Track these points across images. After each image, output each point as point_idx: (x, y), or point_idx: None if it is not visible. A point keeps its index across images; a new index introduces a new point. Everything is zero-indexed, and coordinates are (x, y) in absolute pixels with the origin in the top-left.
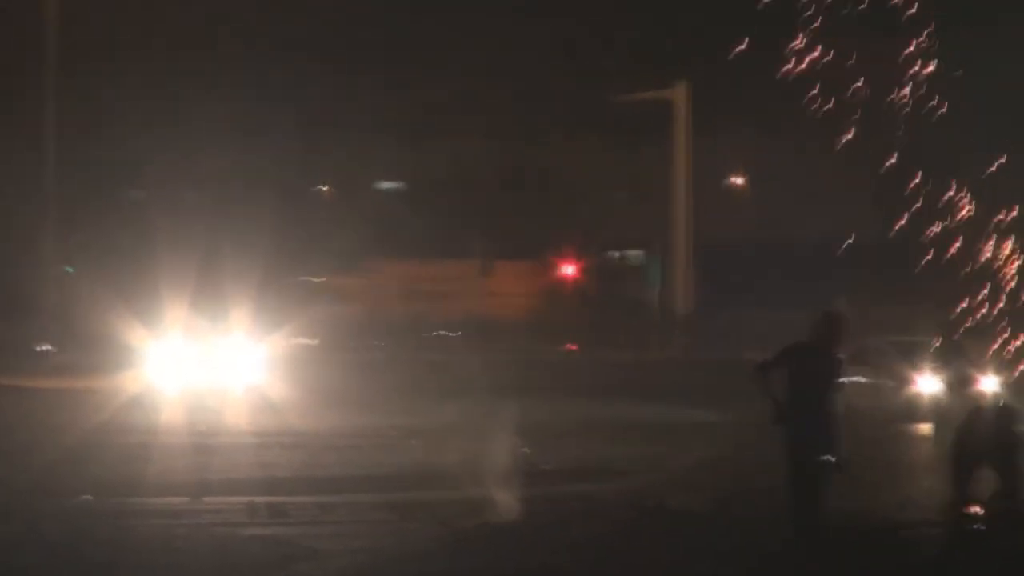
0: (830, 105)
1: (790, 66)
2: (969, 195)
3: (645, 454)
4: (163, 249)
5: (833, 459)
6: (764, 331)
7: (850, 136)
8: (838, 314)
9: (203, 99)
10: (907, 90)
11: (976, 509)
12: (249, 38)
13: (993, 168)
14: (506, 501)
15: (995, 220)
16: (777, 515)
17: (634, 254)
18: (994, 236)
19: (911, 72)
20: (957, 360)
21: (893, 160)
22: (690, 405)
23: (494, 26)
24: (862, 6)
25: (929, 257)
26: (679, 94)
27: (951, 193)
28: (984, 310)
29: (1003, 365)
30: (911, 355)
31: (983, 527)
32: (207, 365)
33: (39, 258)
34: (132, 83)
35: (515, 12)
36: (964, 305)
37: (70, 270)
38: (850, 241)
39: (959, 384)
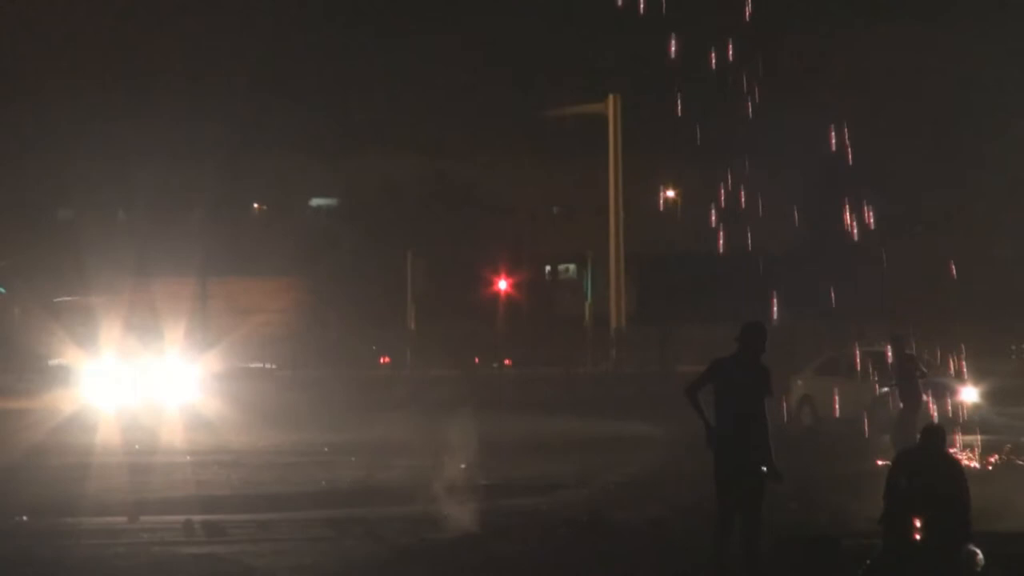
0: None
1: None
2: None
3: (580, 469)
4: (96, 269)
5: (766, 469)
6: (698, 344)
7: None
8: (760, 325)
9: (133, 120)
10: None
11: (916, 523)
12: (179, 61)
13: None
14: (443, 517)
15: None
16: (708, 530)
17: (568, 268)
18: None
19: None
20: (908, 368)
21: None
22: (624, 419)
23: (426, 43)
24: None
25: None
26: (610, 107)
27: None
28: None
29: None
30: (884, 365)
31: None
32: (142, 384)
33: None
34: (61, 105)
35: (448, 29)
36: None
37: (1, 290)
38: (781, 255)
39: (939, 395)
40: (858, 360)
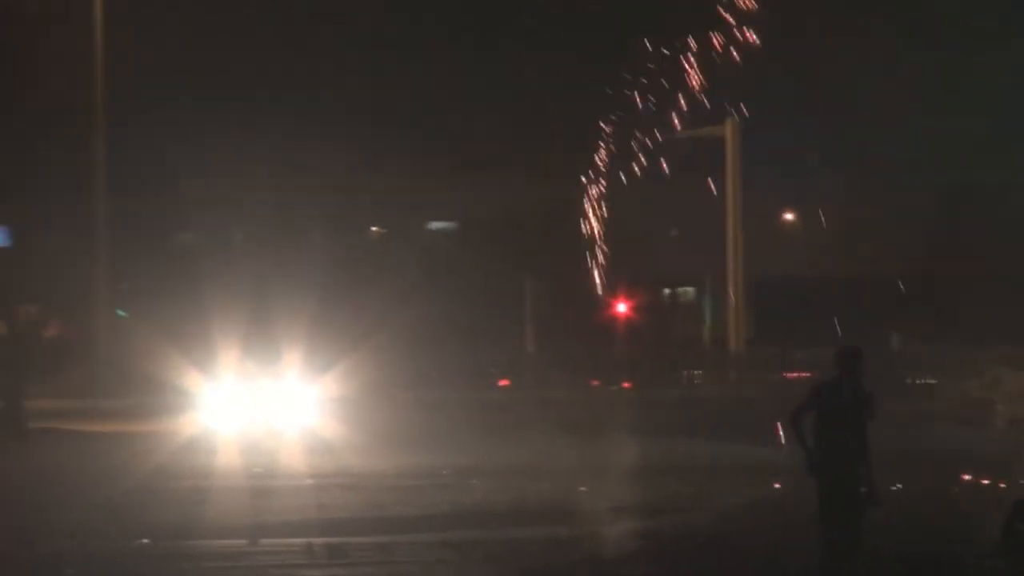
0: None
1: None
2: None
3: (701, 491)
4: (214, 292)
5: (866, 491)
6: (817, 367)
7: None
8: (856, 349)
9: (248, 141)
10: None
11: None
12: (296, 83)
13: None
14: (565, 539)
15: None
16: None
17: (687, 291)
18: None
19: None
20: None
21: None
22: (744, 442)
23: (539, 64)
24: None
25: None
26: (728, 131)
27: None
28: None
29: None
30: None
31: None
32: (261, 407)
33: (91, 303)
34: (176, 129)
35: (562, 49)
36: None
37: (122, 314)
38: (901, 278)
39: None
40: None
